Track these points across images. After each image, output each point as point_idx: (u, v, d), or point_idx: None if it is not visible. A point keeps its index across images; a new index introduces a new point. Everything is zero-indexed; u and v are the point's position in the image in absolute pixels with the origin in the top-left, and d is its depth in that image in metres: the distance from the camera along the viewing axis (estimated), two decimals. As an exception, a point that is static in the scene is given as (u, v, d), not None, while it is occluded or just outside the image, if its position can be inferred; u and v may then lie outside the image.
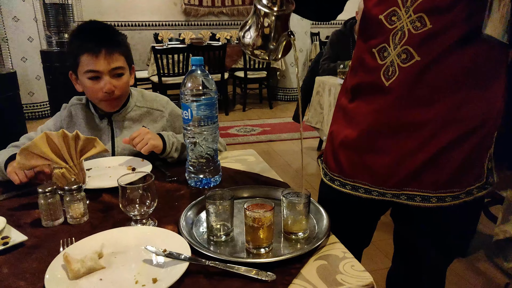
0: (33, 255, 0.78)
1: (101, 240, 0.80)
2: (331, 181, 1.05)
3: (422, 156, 0.88)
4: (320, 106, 3.36)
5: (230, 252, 0.79)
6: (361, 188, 0.98)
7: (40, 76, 4.73)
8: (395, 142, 0.90)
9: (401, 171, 0.91)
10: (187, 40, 5.89)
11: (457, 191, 0.90)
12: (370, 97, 0.92)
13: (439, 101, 0.85)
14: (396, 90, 0.86)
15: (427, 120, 0.86)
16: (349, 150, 0.99)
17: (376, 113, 0.91)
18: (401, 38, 0.83)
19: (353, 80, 0.98)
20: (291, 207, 0.82)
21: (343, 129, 1.01)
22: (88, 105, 1.36)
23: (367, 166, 0.95)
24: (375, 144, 0.93)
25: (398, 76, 0.85)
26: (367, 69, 0.92)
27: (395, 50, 0.84)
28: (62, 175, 0.95)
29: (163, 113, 1.40)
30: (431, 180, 0.90)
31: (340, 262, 0.76)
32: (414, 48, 0.82)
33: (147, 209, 0.88)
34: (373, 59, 0.89)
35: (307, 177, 3.29)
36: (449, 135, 0.86)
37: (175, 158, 1.25)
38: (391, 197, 0.94)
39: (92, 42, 1.22)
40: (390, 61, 0.86)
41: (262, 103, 6.02)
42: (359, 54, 0.96)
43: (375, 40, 0.88)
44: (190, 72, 1.03)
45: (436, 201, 0.90)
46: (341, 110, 1.04)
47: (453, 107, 0.85)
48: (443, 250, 1.02)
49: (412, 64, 0.83)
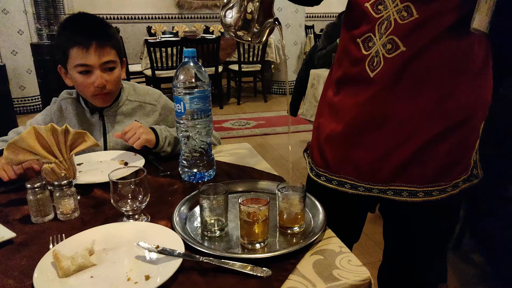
0: (22, 252, 0.76)
1: (92, 236, 0.78)
2: (317, 176, 1.04)
3: (407, 150, 0.87)
4: (315, 99, 3.34)
5: (225, 247, 0.78)
6: (347, 184, 0.97)
7: (31, 69, 4.66)
8: (380, 137, 0.89)
9: (386, 166, 0.90)
10: (180, 33, 5.82)
11: (444, 184, 0.89)
12: (355, 89, 0.91)
13: (424, 93, 0.84)
14: (381, 81, 0.85)
15: (412, 113, 0.85)
16: (335, 145, 0.97)
17: (360, 106, 0.89)
18: (387, 27, 0.82)
19: (338, 71, 0.97)
20: (286, 201, 0.81)
21: (328, 123, 0.99)
22: (79, 99, 1.33)
23: (352, 161, 0.94)
24: (360, 139, 0.91)
25: (382, 67, 0.84)
26: (352, 60, 0.90)
27: (381, 40, 0.83)
28: (51, 170, 0.92)
29: (156, 107, 1.38)
30: (417, 175, 0.89)
31: (337, 257, 0.75)
32: (400, 38, 0.81)
33: (140, 204, 0.86)
34: (358, 50, 0.88)
35: (302, 171, 3.28)
36: (435, 128, 0.85)
37: (168, 152, 1.23)
38: (378, 192, 0.93)
39: (82, 35, 1.18)
40: (375, 52, 0.84)
41: (257, 97, 5.99)
42: (343, 44, 0.95)
43: (360, 29, 0.86)
44: (183, 64, 1.01)
45: (423, 195, 0.90)
46: (326, 103, 1.02)
47: (439, 99, 0.84)
48: (432, 243, 1.01)
49: (397, 54, 0.82)
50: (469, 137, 0.89)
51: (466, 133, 0.88)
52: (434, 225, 0.97)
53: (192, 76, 0.99)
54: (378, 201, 1.01)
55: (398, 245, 1.05)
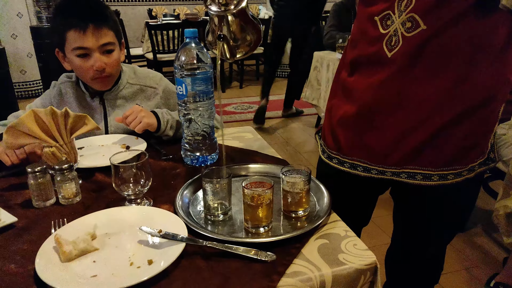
0: (24, 237, 0.76)
1: (94, 221, 0.77)
2: (329, 158, 1.02)
3: (423, 133, 0.85)
4: (318, 82, 3.30)
5: (228, 231, 0.77)
6: (359, 167, 0.95)
7: (31, 53, 4.61)
8: (395, 120, 0.86)
9: (400, 149, 0.87)
10: (182, 15, 5.74)
11: (459, 168, 0.87)
12: (370, 70, 0.88)
13: (442, 74, 0.80)
14: (399, 61, 0.81)
15: (428, 95, 0.82)
16: (348, 128, 0.95)
17: (376, 88, 0.86)
18: (407, 4, 0.78)
19: (352, 52, 0.93)
20: (290, 184, 0.79)
21: (342, 104, 0.97)
22: (79, 83, 1.30)
23: (366, 144, 0.92)
24: (374, 121, 0.89)
25: (401, 46, 0.80)
26: (368, 39, 0.87)
27: (400, 18, 0.79)
28: (52, 154, 0.91)
29: (157, 90, 1.35)
30: (432, 158, 0.87)
31: (342, 241, 0.74)
32: (421, 15, 0.77)
33: (142, 188, 0.85)
34: (375, 28, 0.84)
35: (305, 154, 3.27)
36: (452, 111, 0.82)
37: (170, 136, 1.21)
38: (391, 175, 0.91)
39: (78, 18, 1.14)
40: (393, 30, 0.81)
41: (259, 80, 5.93)
42: (359, 24, 0.91)
43: (379, 6, 0.83)
44: (184, 45, 0.98)
45: (438, 179, 0.88)
46: (340, 84, 0.99)
47: (457, 81, 0.80)
48: (444, 228, 1.00)
49: (417, 33, 0.78)
50: (487, 120, 0.86)
51: (485, 116, 0.85)
52: (448, 209, 0.95)
53: (194, 57, 0.97)
54: (390, 184, 1.00)
55: (409, 228, 1.04)
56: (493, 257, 1.95)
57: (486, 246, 2.04)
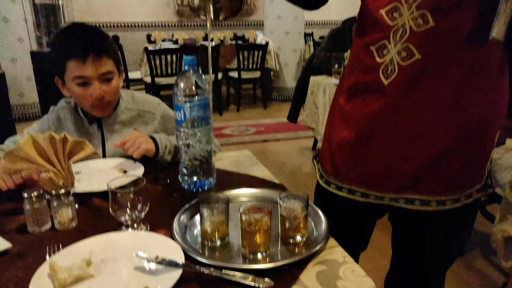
0: (18, 263, 0.75)
1: (89, 246, 0.77)
2: (327, 184, 1.02)
3: (419, 161, 0.86)
4: (315, 105, 3.34)
5: (226, 257, 0.76)
6: (357, 192, 0.95)
7: (30, 77, 4.66)
8: (392, 146, 0.87)
9: (398, 176, 0.88)
10: (180, 41, 5.83)
11: (458, 194, 0.88)
12: (367, 97, 0.89)
13: (438, 102, 0.82)
14: (395, 90, 0.83)
15: (426, 123, 0.83)
16: (346, 154, 0.96)
17: (372, 115, 0.88)
18: (402, 35, 0.80)
19: (350, 79, 0.95)
20: (288, 210, 0.79)
21: (339, 130, 0.98)
22: (77, 108, 1.31)
23: (364, 170, 0.93)
24: (372, 148, 0.90)
25: (397, 75, 0.82)
26: (365, 67, 0.89)
27: (396, 47, 0.82)
28: (49, 179, 0.91)
29: (155, 115, 1.36)
30: (430, 185, 0.87)
31: (340, 267, 0.73)
32: (415, 46, 0.79)
33: (139, 213, 0.84)
34: (371, 57, 0.86)
35: (302, 177, 3.27)
36: (449, 139, 0.84)
37: (168, 161, 1.21)
38: (389, 201, 0.92)
39: (78, 47, 1.16)
40: (389, 59, 0.83)
41: (256, 103, 5.98)
42: (356, 52, 0.93)
43: (375, 36, 0.85)
44: (183, 72, 1.00)
45: (436, 204, 0.88)
46: (337, 111, 1.01)
47: (454, 109, 0.82)
48: (443, 252, 0.99)
49: (412, 62, 0.80)
50: (483, 147, 0.88)
51: (480, 143, 0.86)
52: (446, 234, 0.95)
53: (193, 84, 0.98)
54: (388, 209, 1.00)
55: (408, 253, 1.03)
56: (492, 281, 1.93)
57: (485, 270, 2.02)
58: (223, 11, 0.96)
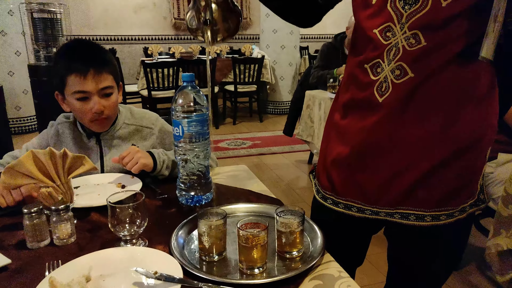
0: (17, 280, 0.75)
1: (89, 262, 0.77)
2: (324, 199, 1.04)
3: (414, 175, 0.88)
4: (311, 119, 3.37)
5: (223, 272, 0.77)
6: (354, 207, 0.97)
7: (27, 90, 4.67)
8: (386, 161, 0.90)
9: (393, 190, 0.90)
10: (177, 54, 5.89)
11: (452, 209, 0.90)
12: (362, 113, 0.92)
13: (431, 119, 0.85)
14: (389, 106, 0.86)
15: (418, 138, 0.86)
16: (341, 169, 0.98)
17: (367, 131, 0.90)
18: (395, 54, 0.83)
19: (345, 96, 0.98)
20: (285, 225, 0.81)
21: (335, 145, 1.00)
22: (76, 123, 1.33)
23: (359, 185, 0.94)
24: (367, 163, 0.92)
25: (391, 92, 0.85)
26: (360, 85, 0.92)
27: (389, 66, 0.84)
28: (49, 195, 0.92)
29: (153, 130, 1.38)
30: (424, 199, 0.89)
31: (336, 282, 0.74)
32: (408, 64, 0.82)
33: (137, 229, 0.85)
34: (366, 75, 0.89)
35: (298, 191, 3.28)
36: (442, 153, 0.86)
37: (166, 175, 1.22)
38: (385, 215, 0.94)
39: (79, 63, 1.19)
40: (383, 77, 0.86)
41: (252, 117, 6.02)
42: (350, 70, 0.96)
43: (369, 55, 0.88)
44: (181, 88, 1.02)
45: (431, 219, 0.90)
46: (333, 126, 1.03)
47: (446, 125, 0.85)
48: (438, 267, 1.01)
49: (405, 80, 0.83)
50: (475, 162, 0.90)
51: (472, 158, 0.88)
52: (441, 249, 0.97)
53: (191, 100, 1.01)
54: (384, 224, 1.01)
55: (404, 267, 1.04)
56: (488, 296, 1.94)
57: (480, 284, 2.03)
58: (221, 32, 0.99)
